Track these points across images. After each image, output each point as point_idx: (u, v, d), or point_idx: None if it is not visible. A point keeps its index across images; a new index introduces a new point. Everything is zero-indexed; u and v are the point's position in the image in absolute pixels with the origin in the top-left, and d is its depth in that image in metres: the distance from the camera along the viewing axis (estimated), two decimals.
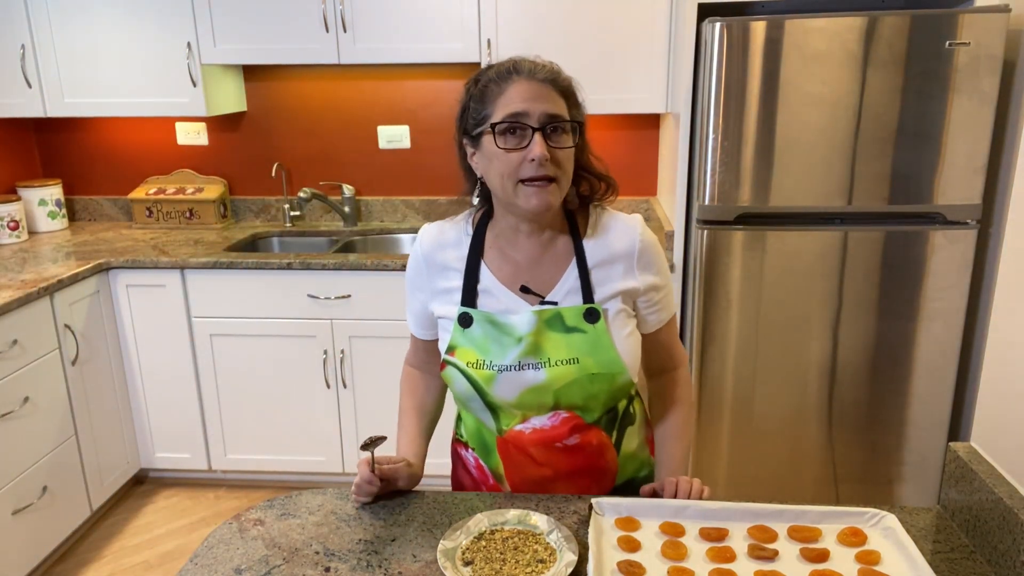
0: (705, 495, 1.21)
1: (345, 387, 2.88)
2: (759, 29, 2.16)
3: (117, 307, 2.86)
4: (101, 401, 2.80)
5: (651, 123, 3.16)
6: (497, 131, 1.17)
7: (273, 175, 3.31)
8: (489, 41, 2.77)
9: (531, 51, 1.28)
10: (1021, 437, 1.09)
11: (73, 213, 3.47)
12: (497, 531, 1.14)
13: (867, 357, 2.38)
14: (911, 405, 2.41)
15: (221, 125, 3.33)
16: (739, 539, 1.10)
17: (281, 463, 3.00)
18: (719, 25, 2.17)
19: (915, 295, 2.32)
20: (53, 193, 3.27)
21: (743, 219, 2.32)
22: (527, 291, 1.26)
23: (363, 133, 3.29)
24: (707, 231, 2.34)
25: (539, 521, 1.15)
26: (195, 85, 2.91)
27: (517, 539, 1.12)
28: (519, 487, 1.32)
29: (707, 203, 2.32)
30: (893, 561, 1.04)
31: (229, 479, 3.13)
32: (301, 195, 3.16)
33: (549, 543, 1.11)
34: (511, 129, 1.17)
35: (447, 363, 1.27)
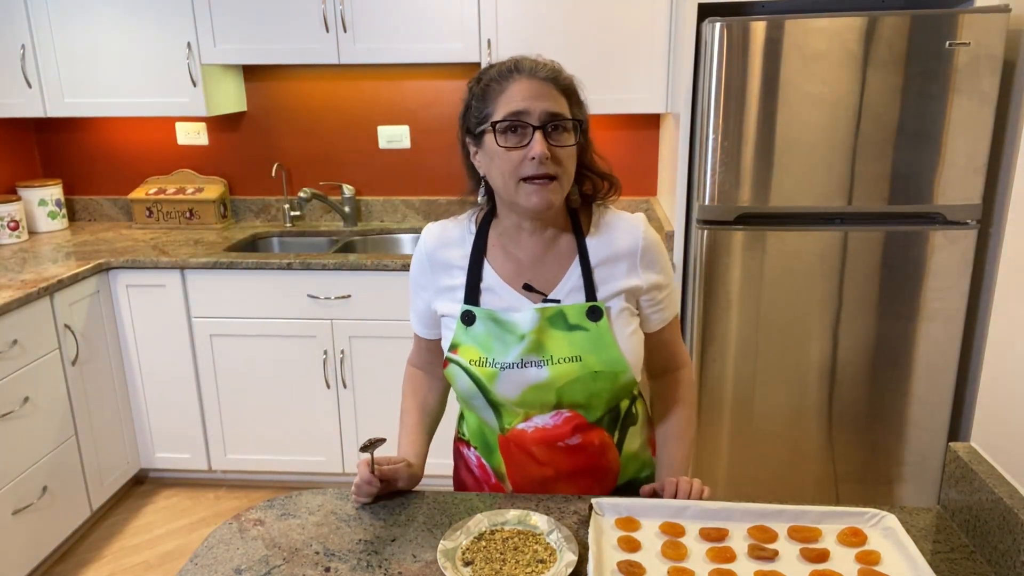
0: (705, 495, 1.21)
1: (345, 387, 2.88)
2: (759, 29, 2.16)
3: (117, 307, 2.86)
4: (101, 401, 2.80)
5: (651, 123, 3.16)
6: (498, 129, 1.18)
7: (273, 175, 3.31)
8: (489, 41, 2.77)
9: (531, 51, 1.28)
10: (1021, 437, 1.09)
11: (73, 213, 3.47)
12: (497, 531, 1.14)
13: (867, 357, 2.38)
14: (911, 405, 2.41)
15: (221, 125, 3.33)
16: (739, 539, 1.10)
17: (281, 463, 3.00)
18: (719, 25, 2.17)
19: (915, 295, 2.32)
20: (53, 193, 3.27)
21: (743, 219, 2.32)
22: (530, 289, 1.26)
23: (363, 133, 3.29)
24: (707, 231, 2.34)
25: (539, 521, 1.15)
26: (195, 85, 2.91)
27: (517, 539, 1.12)
28: (521, 486, 1.32)
29: (707, 203, 2.32)
30: (893, 561, 1.04)
31: (229, 479, 3.13)
32: (301, 195, 3.17)
33: (549, 543, 1.11)
34: (512, 127, 1.17)
35: (450, 361, 1.28)
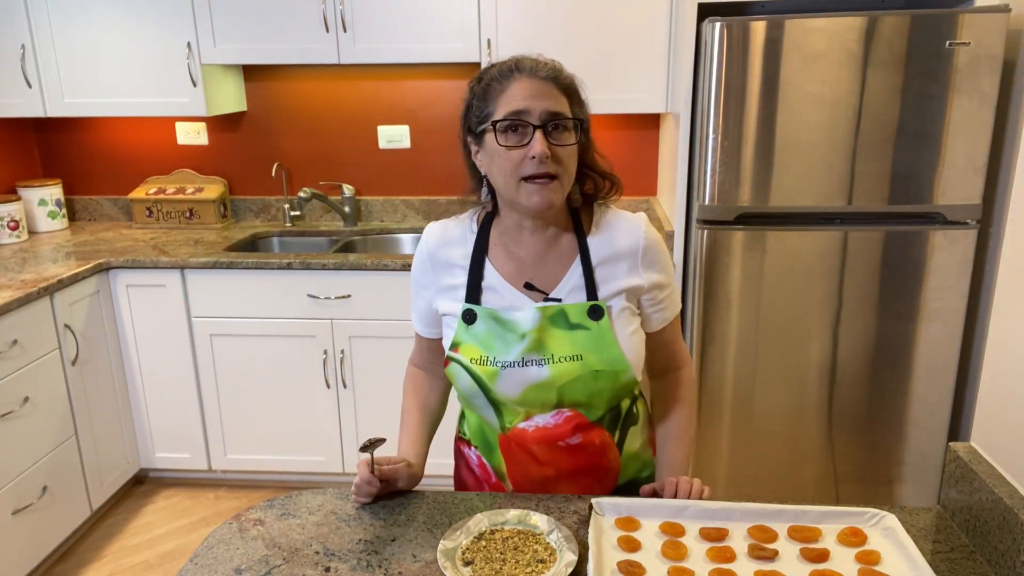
0: (705, 495, 1.21)
1: (345, 387, 2.88)
2: (759, 29, 2.16)
3: (117, 307, 2.86)
4: (101, 401, 2.80)
5: (651, 123, 3.16)
6: (499, 129, 1.18)
7: (273, 175, 3.31)
8: (489, 41, 2.77)
9: (531, 51, 1.28)
10: (1021, 437, 1.09)
11: (73, 213, 3.47)
12: (497, 531, 1.14)
13: (867, 357, 2.38)
14: (911, 405, 2.41)
15: (221, 125, 3.33)
16: (739, 539, 1.10)
17: (281, 463, 3.00)
18: (719, 25, 2.17)
19: (915, 295, 2.32)
20: (53, 193, 3.27)
21: (743, 219, 2.32)
22: (531, 288, 1.26)
23: (363, 133, 3.29)
24: (707, 231, 2.34)
25: (539, 521, 1.15)
26: (195, 85, 2.91)
27: (517, 539, 1.12)
28: (521, 485, 1.32)
29: (707, 203, 2.32)
30: (893, 561, 1.04)
31: (229, 479, 3.13)
32: (301, 195, 3.17)
33: (549, 543, 1.11)
34: (512, 127, 1.17)
35: (451, 359, 1.28)
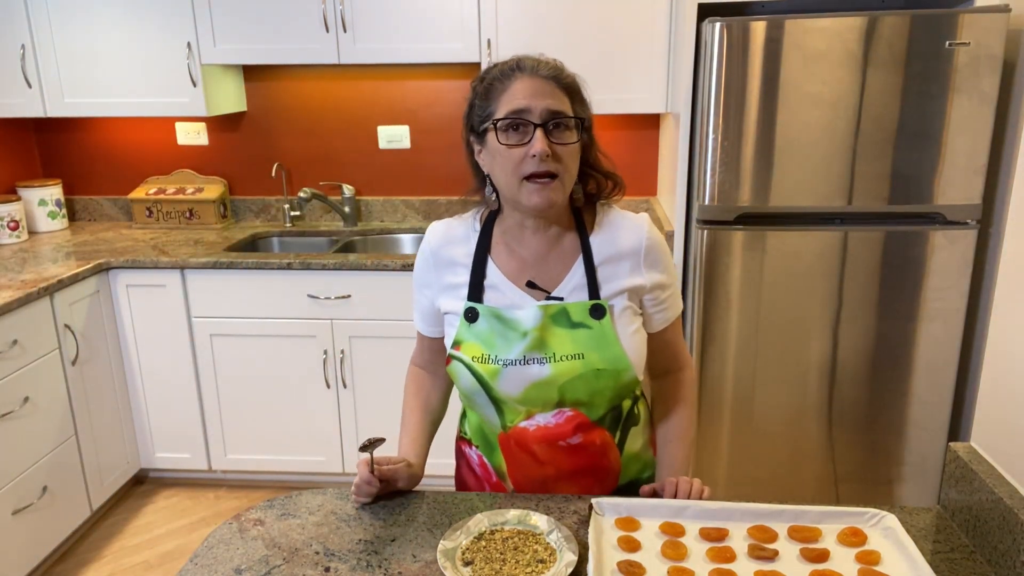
0: (705, 495, 1.21)
1: (345, 387, 2.88)
2: (759, 29, 2.16)
3: (117, 307, 2.86)
4: (101, 401, 2.80)
5: (651, 123, 3.16)
6: (500, 127, 1.18)
7: (273, 175, 3.31)
8: (489, 41, 2.77)
9: (531, 51, 1.28)
10: (1021, 437, 1.09)
11: (73, 213, 3.47)
12: (497, 531, 1.14)
13: (867, 357, 2.38)
14: (911, 405, 2.41)
15: (221, 125, 3.33)
16: (739, 539, 1.10)
17: (281, 463, 3.00)
18: (719, 25, 2.17)
19: (915, 295, 2.32)
20: (53, 193, 3.27)
21: (743, 219, 2.32)
22: (533, 286, 1.27)
23: (363, 133, 3.29)
24: (707, 231, 2.34)
25: (539, 521, 1.15)
26: (195, 85, 2.91)
27: (517, 539, 1.12)
28: (522, 485, 1.32)
29: (707, 203, 2.32)
30: (893, 561, 1.04)
31: (229, 479, 3.13)
32: (301, 195, 3.17)
33: (549, 543, 1.11)
34: (514, 125, 1.18)
35: (452, 358, 1.28)
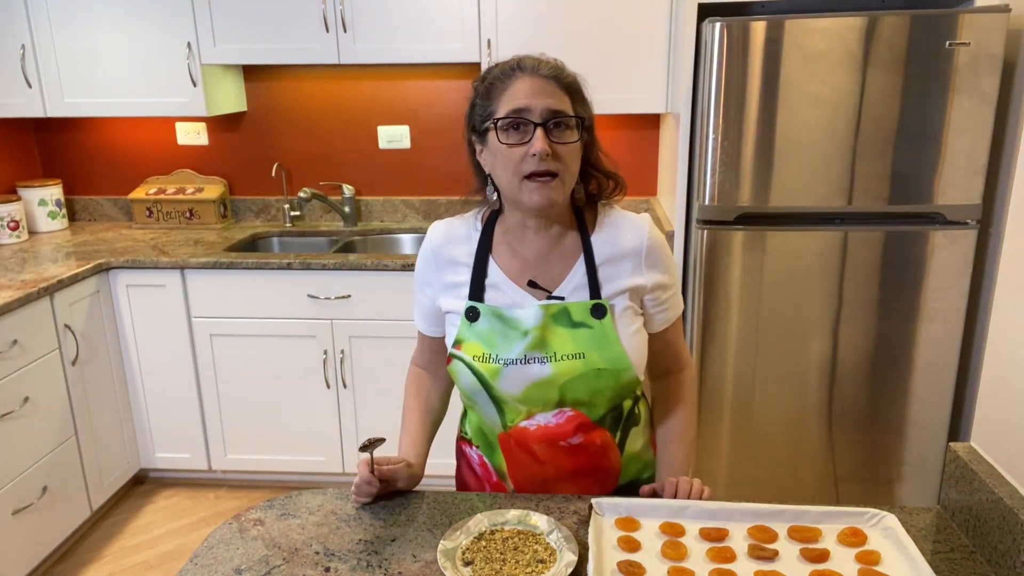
0: (705, 495, 1.21)
1: (345, 387, 2.88)
2: (759, 29, 2.16)
3: (117, 307, 2.86)
4: (101, 401, 2.80)
5: (651, 123, 3.16)
6: (500, 127, 1.19)
7: (273, 175, 3.31)
8: (489, 41, 2.77)
9: (531, 51, 1.28)
10: (1021, 437, 1.09)
11: (73, 213, 3.47)
12: (497, 531, 1.14)
13: (867, 357, 2.38)
14: (911, 405, 2.41)
15: (221, 125, 3.33)
16: (739, 539, 1.10)
17: (281, 463, 3.00)
18: (719, 25, 2.17)
19: (915, 295, 2.32)
20: (53, 193, 3.27)
21: (743, 219, 2.32)
22: (534, 286, 1.27)
23: (363, 133, 3.29)
24: (707, 231, 2.34)
25: (539, 521, 1.15)
26: (195, 85, 2.91)
27: (517, 539, 1.12)
28: (522, 485, 1.32)
29: (707, 203, 2.32)
30: (893, 561, 1.04)
31: (229, 479, 3.13)
32: (301, 195, 3.16)
33: (549, 543, 1.11)
34: (514, 124, 1.18)
35: (453, 357, 1.28)
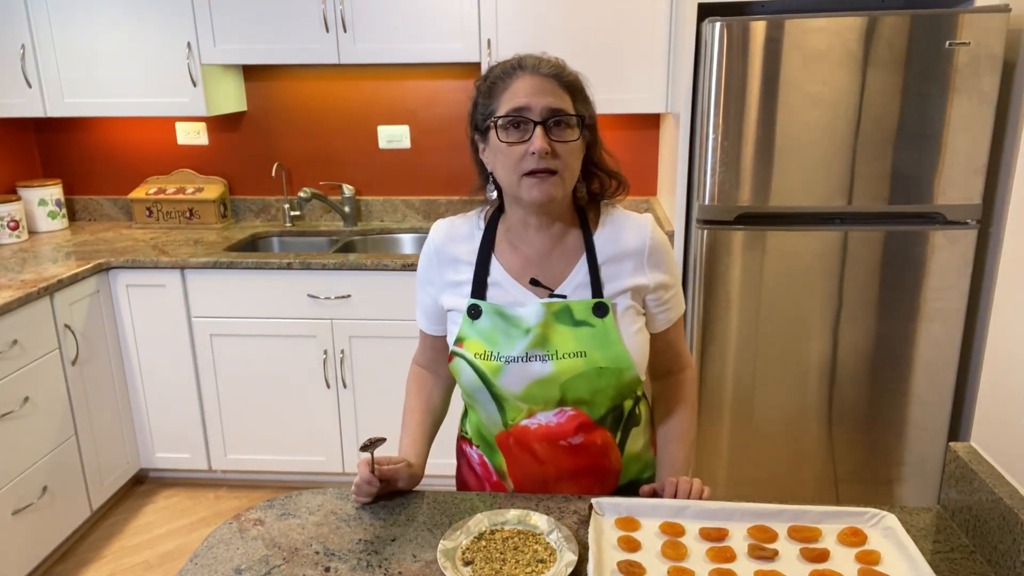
0: (705, 495, 1.21)
1: (345, 387, 2.88)
2: (759, 29, 2.16)
3: (117, 307, 2.86)
4: (101, 401, 2.80)
5: (651, 123, 3.16)
6: (500, 125, 1.19)
7: (273, 175, 3.31)
8: (489, 41, 2.77)
9: (532, 51, 1.28)
10: (1021, 437, 1.09)
11: (73, 213, 3.47)
12: (497, 531, 1.14)
13: (867, 357, 2.38)
14: (911, 405, 2.41)
15: (221, 125, 3.33)
16: (739, 539, 1.10)
17: (281, 463, 3.00)
18: (719, 25, 2.17)
19: (915, 295, 2.32)
20: (53, 193, 3.27)
21: (743, 219, 2.32)
22: (536, 284, 1.27)
23: (363, 133, 3.29)
24: (707, 231, 2.34)
25: (539, 521, 1.15)
26: (195, 85, 2.91)
27: (517, 539, 1.12)
28: (522, 484, 1.32)
29: (707, 203, 2.32)
30: (893, 561, 1.04)
31: (229, 479, 3.13)
32: (301, 195, 3.16)
33: (549, 543, 1.11)
34: (514, 123, 1.19)
35: (455, 354, 1.28)
